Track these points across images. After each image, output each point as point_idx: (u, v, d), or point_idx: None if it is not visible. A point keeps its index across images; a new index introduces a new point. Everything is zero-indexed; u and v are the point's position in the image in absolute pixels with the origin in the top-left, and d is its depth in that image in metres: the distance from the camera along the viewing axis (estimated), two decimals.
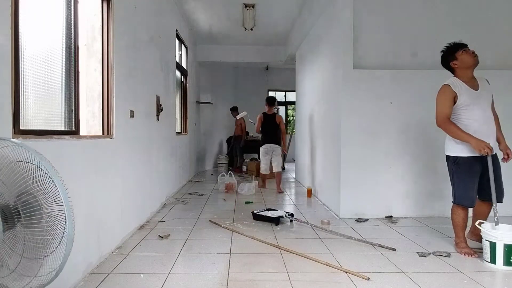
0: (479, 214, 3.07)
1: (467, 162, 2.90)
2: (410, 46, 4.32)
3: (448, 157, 3.06)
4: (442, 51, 3.08)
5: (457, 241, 3.09)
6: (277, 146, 6.07)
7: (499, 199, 2.91)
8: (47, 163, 1.37)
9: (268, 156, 6.09)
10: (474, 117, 2.89)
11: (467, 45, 2.98)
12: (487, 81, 3.07)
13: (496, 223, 2.80)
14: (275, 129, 6.09)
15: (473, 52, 2.93)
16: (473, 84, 2.96)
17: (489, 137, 2.88)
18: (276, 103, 6.42)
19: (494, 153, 2.88)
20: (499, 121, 3.08)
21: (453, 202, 3.06)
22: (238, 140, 8.76)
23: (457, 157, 2.95)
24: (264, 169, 6.17)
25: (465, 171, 2.93)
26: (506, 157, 2.95)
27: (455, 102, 2.90)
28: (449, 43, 3.05)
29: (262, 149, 6.14)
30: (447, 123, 2.89)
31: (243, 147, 8.82)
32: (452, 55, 2.98)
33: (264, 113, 6.20)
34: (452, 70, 3.05)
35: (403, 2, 4.32)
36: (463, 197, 2.97)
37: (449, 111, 2.90)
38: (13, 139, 1.50)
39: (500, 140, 3.03)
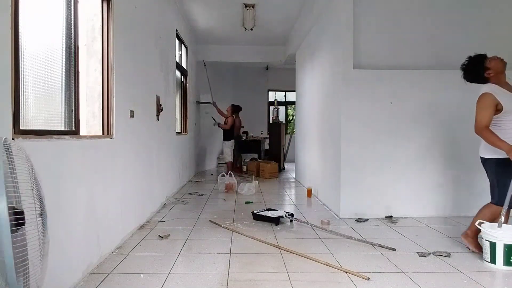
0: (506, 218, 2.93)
1: (510, 163, 2.79)
2: (410, 46, 4.31)
3: (487, 160, 2.97)
4: (464, 68, 3.02)
5: (469, 234, 3.04)
6: (224, 142, 7.95)
7: None
8: None
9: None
10: None
11: (486, 55, 2.94)
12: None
13: (499, 225, 2.78)
14: (227, 130, 7.89)
15: (497, 57, 2.91)
16: (508, 88, 2.91)
17: None
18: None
19: None
20: None
21: (496, 204, 2.93)
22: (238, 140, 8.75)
23: (499, 158, 2.86)
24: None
25: (510, 172, 2.82)
26: None
27: (499, 110, 2.83)
28: (467, 60, 2.99)
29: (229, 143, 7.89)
30: (485, 130, 2.83)
31: (241, 146, 8.80)
32: (482, 67, 2.93)
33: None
34: (483, 81, 2.97)
35: (403, 2, 4.32)
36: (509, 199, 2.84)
37: (489, 119, 2.84)
38: None
39: None
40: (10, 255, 1.23)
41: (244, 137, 9.29)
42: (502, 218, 2.79)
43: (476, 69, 2.97)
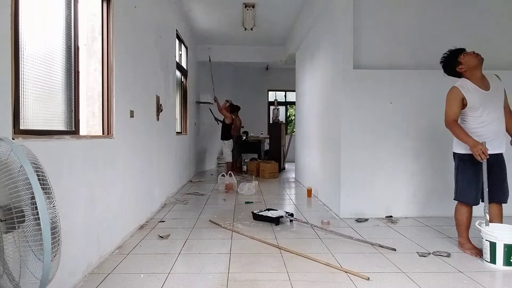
0: (492, 217, 2.98)
1: (472, 159, 2.86)
2: (410, 46, 4.32)
3: (455, 154, 3.07)
4: (442, 62, 3.07)
5: (462, 241, 3.08)
6: (223, 141, 7.95)
7: (504, 199, 2.92)
8: (29, 167, 1.34)
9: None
10: (483, 119, 2.87)
11: (464, 49, 2.98)
12: (498, 77, 3.02)
13: (486, 224, 2.81)
14: (225, 128, 7.86)
15: (473, 52, 2.93)
16: (483, 83, 2.92)
17: (496, 138, 2.87)
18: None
19: (500, 152, 2.90)
20: None
21: (454, 199, 3.06)
22: (238, 140, 8.74)
23: (464, 154, 2.95)
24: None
25: (469, 168, 2.92)
26: None
27: (465, 104, 2.89)
28: (446, 53, 3.04)
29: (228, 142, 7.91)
30: (452, 124, 2.90)
31: (241, 146, 8.80)
32: (455, 61, 2.97)
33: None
34: (459, 76, 3.01)
35: (403, 2, 4.32)
36: (464, 194, 2.97)
37: (456, 112, 2.90)
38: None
39: None
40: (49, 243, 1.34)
41: (244, 137, 9.29)
42: (487, 216, 2.83)
43: (451, 63, 3.01)
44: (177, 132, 6.15)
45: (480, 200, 2.96)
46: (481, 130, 2.88)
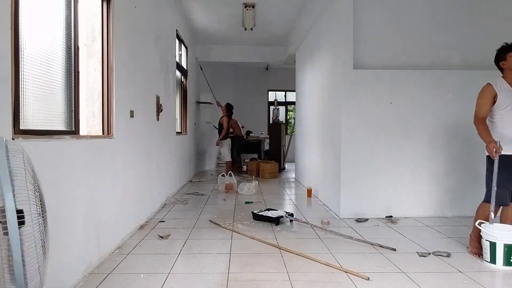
0: (504, 217, 2.98)
1: (502, 161, 2.82)
2: (410, 46, 4.31)
3: (486, 157, 3.02)
4: (496, 52, 3.03)
5: (472, 237, 3.06)
6: (220, 141, 7.88)
7: None
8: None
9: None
10: (507, 119, 2.85)
11: None
12: None
13: (490, 222, 2.82)
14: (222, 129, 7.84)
15: None
16: None
17: None
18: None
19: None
20: None
21: (484, 201, 3.00)
22: (239, 140, 8.73)
23: (489, 155, 2.91)
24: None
25: (498, 169, 2.85)
26: None
27: (495, 102, 2.87)
28: (506, 43, 2.97)
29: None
30: (478, 122, 2.89)
31: (243, 147, 8.80)
32: (503, 55, 2.94)
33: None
34: (501, 70, 2.99)
35: (403, 2, 4.32)
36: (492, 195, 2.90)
37: (485, 110, 2.89)
38: None
39: None
40: (19, 252, 1.25)
41: (245, 137, 9.28)
42: (492, 215, 2.82)
43: (499, 55, 2.97)
44: (177, 132, 6.15)
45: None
46: (504, 129, 2.86)
